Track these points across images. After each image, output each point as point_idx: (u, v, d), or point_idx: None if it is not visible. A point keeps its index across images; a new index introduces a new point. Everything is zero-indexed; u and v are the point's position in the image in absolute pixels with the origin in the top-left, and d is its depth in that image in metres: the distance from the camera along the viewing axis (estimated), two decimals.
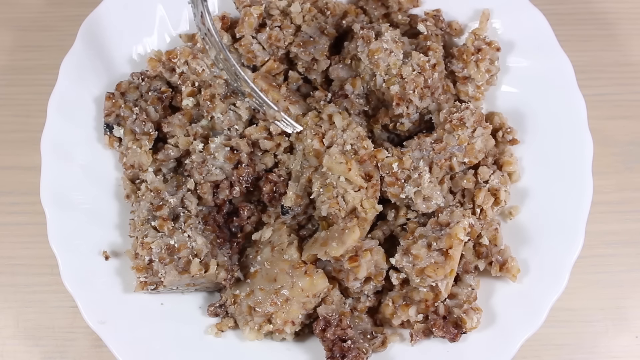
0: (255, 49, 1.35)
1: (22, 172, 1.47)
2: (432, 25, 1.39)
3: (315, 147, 1.26)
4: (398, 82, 1.28)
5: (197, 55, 1.35)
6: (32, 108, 1.52)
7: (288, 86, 1.37)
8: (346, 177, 1.23)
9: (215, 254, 1.24)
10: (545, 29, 1.35)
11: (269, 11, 1.38)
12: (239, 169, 1.29)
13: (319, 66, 1.35)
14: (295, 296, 1.21)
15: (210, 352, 1.22)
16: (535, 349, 1.35)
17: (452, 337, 1.18)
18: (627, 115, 1.52)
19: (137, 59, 1.39)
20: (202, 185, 1.29)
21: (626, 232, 1.43)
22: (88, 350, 1.36)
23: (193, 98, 1.36)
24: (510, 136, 1.33)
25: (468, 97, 1.36)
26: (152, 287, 1.21)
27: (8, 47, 1.60)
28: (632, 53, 1.58)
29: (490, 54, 1.35)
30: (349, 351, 1.18)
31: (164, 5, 1.41)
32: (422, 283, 1.20)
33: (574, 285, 1.23)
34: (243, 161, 1.29)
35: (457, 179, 1.29)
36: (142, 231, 1.24)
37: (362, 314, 1.25)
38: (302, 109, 1.34)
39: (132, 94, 1.34)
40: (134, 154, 1.29)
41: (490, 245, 1.24)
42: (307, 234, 1.30)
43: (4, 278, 1.41)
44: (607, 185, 1.45)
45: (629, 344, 1.37)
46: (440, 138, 1.27)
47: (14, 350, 1.37)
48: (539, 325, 1.18)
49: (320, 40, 1.35)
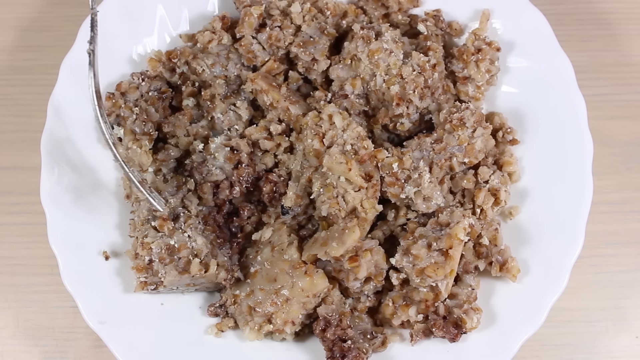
0: (256, 49, 1.35)
1: (22, 172, 1.47)
2: (432, 26, 1.39)
3: (315, 147, 1.26)
4: (398, 82, 1.28)
5: (197, 55, 1.35)
6: (32, 108, 1.52)
7: (288, 86, 1.37)
8: (346, 177, 1.23)
9: (215, 254, 1.24)
10: (545, 29, 1.35)
11: (269, 11, 1.38)
12: (239, 169, 1.29)
13: (319, 66, 1.35)
14: (295, 296, 1.21)
15: (210, 352, 1.22)
16: (535, 349, 1.35)
17: (452, 337, 1.18)
18: (627, 115, 1.52)
19: (137, 59, 1.39)
20: (202, 186, 1.29)
21: (626, 232, 1.43)
22: (88, 350, 1.36)
23: (193, 98, 1.36)
24: (510, 136, 1.33)
25: (468, 97, 1.36)
26: (152, 287, 1.21)
27: (8, 47, 1.60)
28: (632, 53, 1.58)
29: (491, 54, 1.35)
30: (349, 351, 1.18)
31: (164, 5, 1.41)
32: (422, 283, 1.20)
33: (574, 285, 1.24)
34: (243, 161, 1.29)
35: (457, 179, 1.29)
36: (142, 231, 1.24)
37: (362, 314, 1.25)
38: (302, 109, 1.34)
39: (132, 94, 1.34)
40: (134, 154, 1.29)
41: (490, 245, 1.24)
42: (307, 234, 1.30)
43: (4, 278, 1.41)
44: (607, 185, 1.45)
45: (629, 344, 1.37)
46: (441, 138, 1.27)
47: (14, 350, 1.37)
48: (539, 325, 1.18)
49: (321, 40, 1.35)
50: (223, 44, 1.37)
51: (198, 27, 1.42)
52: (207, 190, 1.28)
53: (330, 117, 1.28)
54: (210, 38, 1.36)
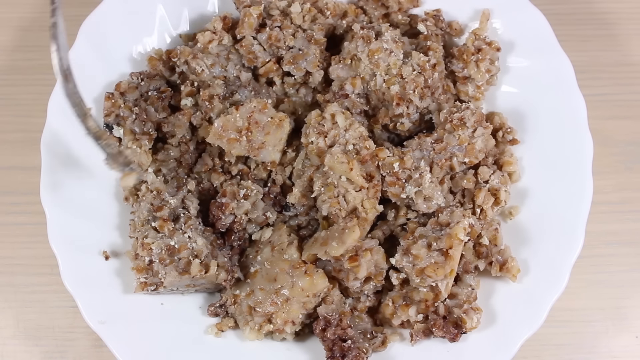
0: (256, 49, 1.35)
1: (22, 172, 1.47)
2: (432, 25, 1.39)
3: (319, 145, 1.25)
4: (398, 82, 1.28)
5: (197, 55, 1.35)
6: (32, 108, 1.52)
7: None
8: (347, 177, 1.23)
9: (215, 255, 1.24)
10: (545, 29, 1.35)
11: (268, 11, 1.38)
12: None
13: (314, 78, 1.34)
14: (296, 296, 1.21)
15: (210, 352, 1.22)
16: (535, 349, 1.35)
17: (452, 337, 1.18)
18: (627, 115, 1.52)
19: (137, 57, 1.39)
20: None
21: (626, 232, 1.44)
22: (88, 350, 1.36)
23: (192, 98, 1.36)
24: (511, 136, 1.33)
25: (468, 97, 1.36)
26: (152, 287, 1.21)
27: (8, 47, 1.60)
28: (632, 53, 1.58)
29: (491, 54, 1.35)
30: (349, 351, 1.18)
31: (164, 5, 1.41)
32: (422, 283, 1.20)
33: (574, 285, 1.23)
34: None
35: (458, 179, 1.29)
36: (142, 232, 1.24)
37: (362, 313, 1.25)
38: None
39: (131, 94, 1.34)
40: (134, 154, 1.29)
41: (490, 245, 1.24)
42: (307, 234, 1.30)
43: (4, 278, 1.41)
44: (607, 185, 1.45)
45: (629, 344, 1.37)
46: (441, 138, 1.27)
47: (14, 350, 1.37)
48: (539, 325, 1.18)
49: (309, 50, 1.34)
50: (223, 45, 1.37)
51: (198, 27, 1.42)
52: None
53: (333, 117, 1.28)
54: (210, 38, 1.36)
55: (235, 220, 1.27)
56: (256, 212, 1.28)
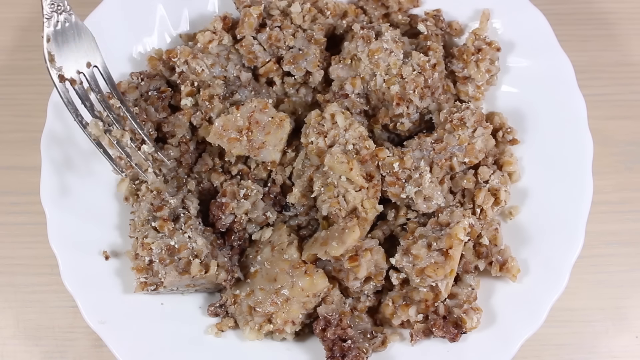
0: (257, 49, 1.35)
1: (22, 172, 1.47)
2: (432, 25, 1.39)
3: (319, 145, 1.26)
4: (398, 82, 1.28)
5: (197, 55, 1.35)
6: (32, 108, 1.52)
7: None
8: (347, 176, 1.23)
9: (215, 255, 1.24)
10: (545, 29, 1.35)
11: (269, 11, 1.38)
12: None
13: (314, 78, 1.35)
14: (296, 296, 1.21)
15: (210, 352, 1.22)
16: (535, 349, 1.35)
17: (452, 337, 1.18)
18: (627, 115, 1.52)
19: (137, 57, 1.39)
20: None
21: (626, 232, 1.44)
22: (88, 350, 1.36)
23: (192, 98, 1.36)
24: (511, 136, 1.33)
25: (468, 97, 1.36)
26: (152, 287, 1.21)
27: (8, 47, 1.60)
28: (632, 53, 1.58)
29: (491, 54, 1.35)
30: (349, 351, 1.18)
31: (164, 5, 1.41)
32: (422, 283, 1.20)
33: (574, 285, 1.24)
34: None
35: (457, 179, 1.29)
36: (142, 232, 1.24)
37: (362, 313, 1.25)
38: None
39: (131, 94, 1.34)
40: (134, 154, 1.29)
41: (490, 245, 1.24)
42: (307, 234, 1.31)
43: (4, 278, 1.41)
44: (607, 185, 1.45)
45: (629, 344, 1.37)
46: (441, 138, 1.27)
47: (14, 350, 1.37)
48: (539, 325, 1.18)
49: (309, 50, 1.34)
50: (223, 45, 1.37)
51: (198, 27, 1.42)
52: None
53: (333, 116, 1.28)
54: (210, 38, 1.36)
55: (235, 220, 1.27)
56: (256, 212, 1.28)
